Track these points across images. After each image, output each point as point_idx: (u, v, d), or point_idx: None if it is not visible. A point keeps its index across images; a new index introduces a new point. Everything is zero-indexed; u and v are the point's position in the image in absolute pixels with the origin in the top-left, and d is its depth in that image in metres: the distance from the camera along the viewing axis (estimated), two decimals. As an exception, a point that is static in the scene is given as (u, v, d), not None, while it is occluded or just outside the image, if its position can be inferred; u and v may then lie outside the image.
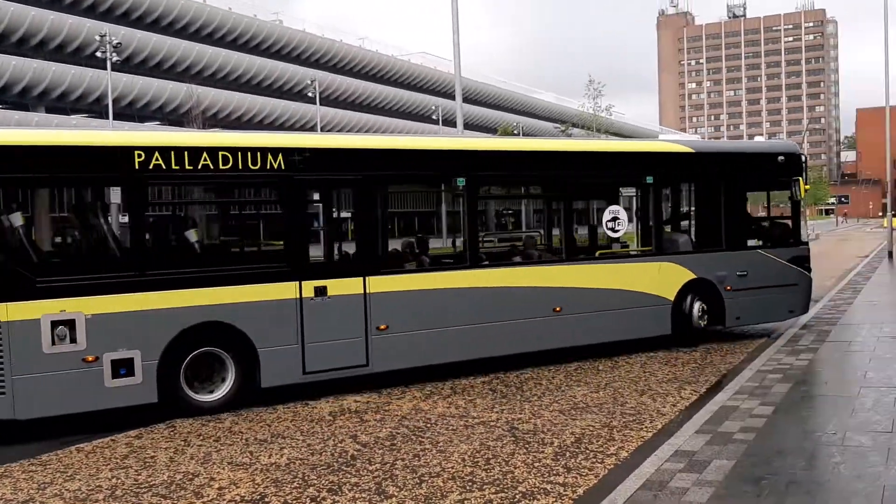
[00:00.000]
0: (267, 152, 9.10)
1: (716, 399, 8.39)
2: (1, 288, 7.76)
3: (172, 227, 9.55)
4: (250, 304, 8.88)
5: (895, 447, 6.45)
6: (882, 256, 31.14)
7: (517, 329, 10.55)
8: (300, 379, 9.27)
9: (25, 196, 8.55)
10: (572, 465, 6.53)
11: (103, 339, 8.15)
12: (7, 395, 7.77)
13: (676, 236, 12.72)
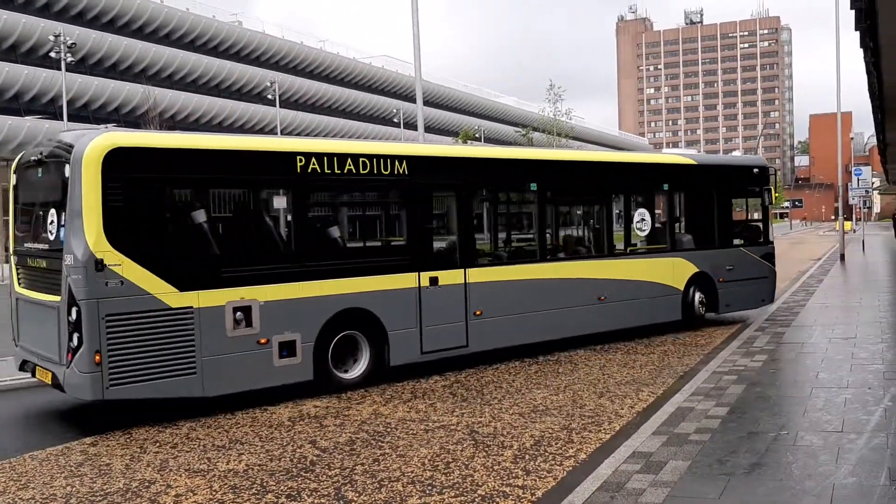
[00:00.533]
0: (394, 159, 10.43)
1: (672, 400, 8.52)
2: (194, 278, 8.67)
3: (325, 224, 10.59)
4: (383, 293, 10.13)
5: (845, 446, 6.61)
6: (834, 259, 31.89)
7: (573, 315, 12.26)
8: (418, 358, 10.58)
9: (210, 195, 9.54)
10: (531, 468, 6.58)
11: (273, 324, 9.17)
12: (197, 375, 8.63)
13: (684, 235, 14.52)
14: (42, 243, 9.02)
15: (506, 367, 11.11)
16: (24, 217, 9.77)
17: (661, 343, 12.87)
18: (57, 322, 8.30)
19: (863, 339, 12.16)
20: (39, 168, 9.04)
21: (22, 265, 9.50)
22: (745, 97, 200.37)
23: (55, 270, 8.38)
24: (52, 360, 8.49)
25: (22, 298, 9.39)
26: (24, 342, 9.40)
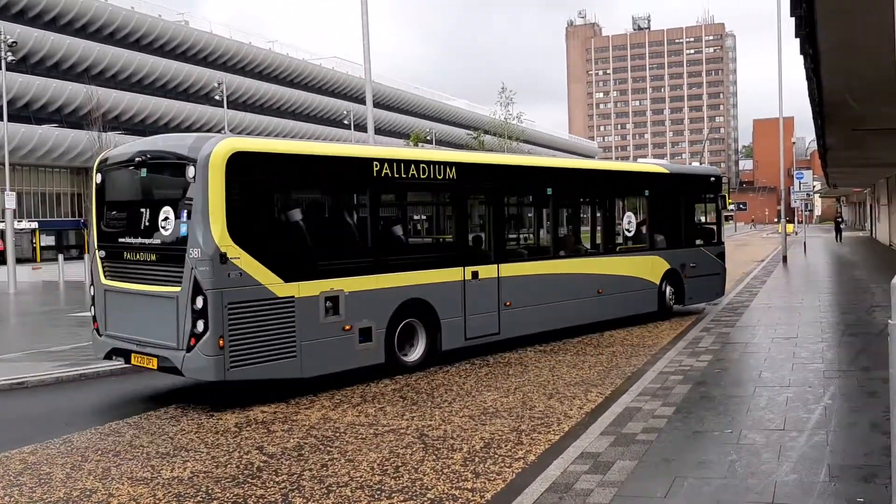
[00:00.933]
0: (446, 165, 11.74)
1: (620, 401, 8.61)
2: (296, 270, 9.59)
3: (394, 222, 11.78)
4: (437, 285, 11.36)
5: (786, 444, 6.75)
6: (777, 261, 32.65)
7: (579, 305, 13.75)
8: (463, 344, 11.78)
9: (308, 195, 10.84)
10: (481, 471, 6.57)
11: (355, 312, 10.20)
12: (297, 358, 9.55)
13: (658, 236, 15.97)
14: (150, 238, 9.53)
15: (456, 370, 11.11)
16: (116, 214, 10.39)
17: (610, 344, 13.02)
18: (175, 310, 8.96)
19: (804, 338, 12.46)
20: (144, 169, 9.73)
21: (114, 259, 10.06)
22: (691, 102, 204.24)
23: (172, 263, 9.12)
24: (165, 346, 9.11)
25: (114, 290, 9.96)
26: (114, 331, 9.95)
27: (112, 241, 10.17)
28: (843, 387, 8.93)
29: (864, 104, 13.29)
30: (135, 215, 9.86)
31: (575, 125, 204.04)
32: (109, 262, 10.17)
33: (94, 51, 57.68)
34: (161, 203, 9.47)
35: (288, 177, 10.09)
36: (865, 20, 7.67)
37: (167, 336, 9.10)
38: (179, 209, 9.16)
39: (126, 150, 10.24)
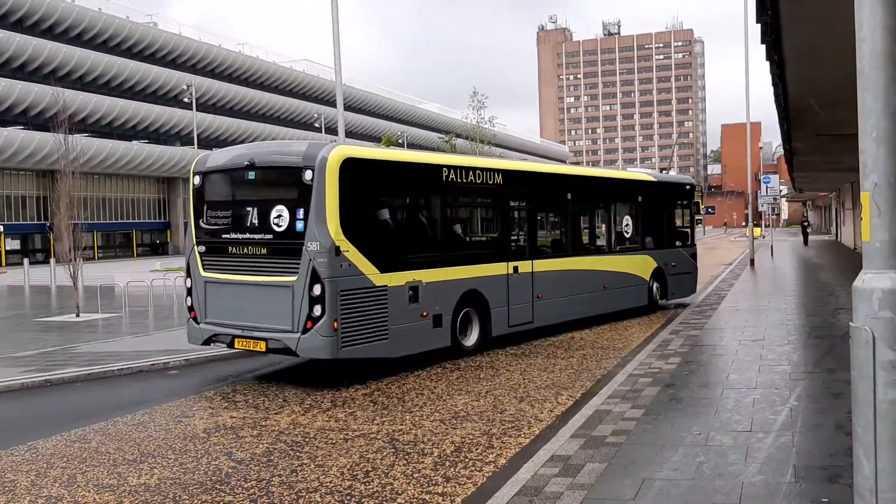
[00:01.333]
0: (494, 172, 13.38)
1: (590, 403, 8.65)
2: (388, 262, 10.82)
3: (458, 221, 13.36)
4: (488, 278, 12.75)
5: (753, 446, 6.83)
6: (745, 264, 33.05)
7: (590, 298, 15.31)
8: (506, 331, 13.18)
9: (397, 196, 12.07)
10: (451, 475, 6.56)
11: (430, 300, 11.50)
12: (389, 340, 10.81)
13: (648, 238, 17.67)
14: (260, 234, 10.67)
15: (427, 374, 11.10)
16: (219, 212, 11.30)
17: (580, 347, 13.10)
18: (291, 297, 10.09)
19: (771, 341, 12.62)
20: (253, 172, 10.87)
21: (215, 253, 11.15)
22: (660, 107, 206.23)
23: (287, 256, 10.28)
24: (277, 330, 10.22)
25: (215, 281, 11.04)
26: (215, 319, 11.00)
27: (213, 237, 11.25)
28: (808, 388, 9.06)
29: (828, 110, 13.50)
30: (241, 214, 10.96)
31: (546, 129, 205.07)
32: (209, 256, 11.22)
33: (61, 52, 56.87)
34: (273, 203, 10.57)
35: (383, 180, 11.48)
36: (827, 28, 7.80)
37: (280, 320, 10.19)
38: (295, 208, 10.29)
39: (230, 156, 11.45)
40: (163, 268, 37.29)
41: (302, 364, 12.24)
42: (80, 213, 20.63)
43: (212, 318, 11.05)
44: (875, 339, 3.42)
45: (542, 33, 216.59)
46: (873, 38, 3.37)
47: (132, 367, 12.14)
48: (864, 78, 3.40)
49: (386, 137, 44.74)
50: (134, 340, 15.35)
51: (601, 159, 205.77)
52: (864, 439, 3.48)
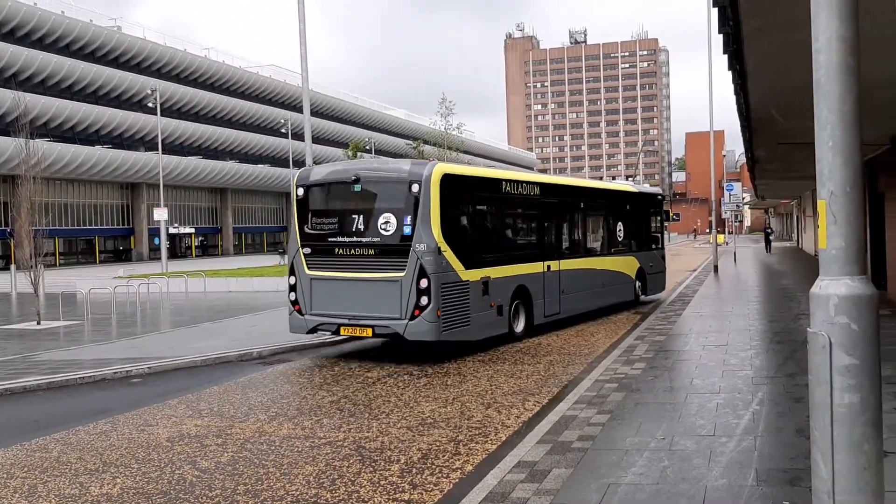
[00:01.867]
0: (533, 185, 15.97)
1: (557, 409, 8.69)
2: (469, 260, 12.91)
3: (512, 226, 15.99)
4: (531, 274, 15.05)
5: (716, 450, 6.92)
6: (709, 270, 33.48)
7: (596, 293, 17.76)
8: (543, 321, 15.40)
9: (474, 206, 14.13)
10: (418, 482, 6.56)
11: (496, 293, 13.62)
12: (470, 326, 12.90)
13: (634, 241, 20.21)
14: (367, 237, 12.64)
15: (394, 381, 11.08)
16: (324, 220, 13.25)
17: (547, 353, 13.17)
18: (399, 290, 12.10)
19: (734, 346, 12.79)
20: (359, 185, 12.84)
21: (321, 254, 13.04)
22: (626, 115, 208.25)
23: (395, 255, 12.26)
24: (385, 318, 12.20)
25: (320, 278, 12.93)
26: (320, 311, 12.86)
27: (319, 240, 13.11)
28: (770, 393, 9.20)
29: (788, 119, 13.73)
30: (347, 220, 12.93)
31: (514, 136, 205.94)
32: (315, 257, 13.08)
33: (23, 55, 55.87)
34: (380, 211, 12.62)
35: (465, 191, 13.58)
36: (788, 39, 7.95)
37: (389, 310, 12.18)
38: (402, 215, 12.33)
39: (333, 171, 13.76)
40: (126, 274, 36.80)
41: (269, 374, 12.16)
42: (41, 219, 20.29)
43: (317, 311, 12.91)
44: (832, 345, 3.49)
45: (509, 41, 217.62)
46: (829, 49, 3.44)
47: (94, 376, 11.97)
48: (820, 89, 3.48)
49: (353, 144, 44.61)
50: (96, 348, 15.12)
51: (568, 166, 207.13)
52: (821, 443, 3.55)
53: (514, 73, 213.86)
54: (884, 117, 12.77)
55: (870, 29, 7.17)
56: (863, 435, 3.48)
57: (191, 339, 16.03)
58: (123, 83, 64.00)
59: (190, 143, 71.12)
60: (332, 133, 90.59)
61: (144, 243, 68.29)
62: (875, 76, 9.47)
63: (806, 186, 37.50)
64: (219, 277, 32.14)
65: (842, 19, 3.44)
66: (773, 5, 6.99)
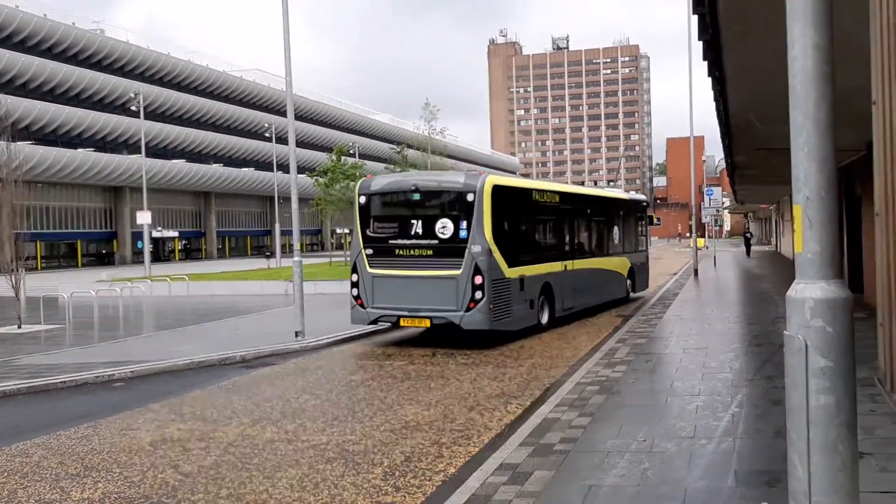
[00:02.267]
0: (555, 193, 18.12)
1: (539, 412, 8.75)
2: (511, 260, 14.67)
3: (540, 231, 17.60)
4: (554, 273, 16.90)
5: (696, 451, 6.99)
6: (689, 274, 33.69)
7: (598, 290, 19.73)
8: (561, 313, 17.13)
9: (512, 214, 15.50)
10: (401, 485, 6.59)
11: (529, 289, 15.44)
12: (511, 318, 14.68)
13: (625, 243, 22.29)
14: (425, 240, 14.39)
15: (378, 385, 11.10)
16: (385, 224, 15.03)
17: (530, 356, 13.23)
18: (455, 286, 13.93)
19: (714, 349, 12.91)
20: (418, 194, 14.71)
21: (381, 255, 14.71)
22: (607, 120, 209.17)
23: (451, 256, 14.04)
24: (443, 310, 13.97)
25: (381, 276, 14.63)
26: (381, 304, 14.58)
27: (380, 243, 14.83)
28: (749, 395, 9.30)
29: (767, 125, 13.87)
30: (406, 225, 14.63)
31: (497, 141, 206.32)
32: (376, 257, 14.76)
33: (5, 58, 55.40)
34: (437, 217, 14.44)
35: (509, 200, 15.27)
36: (766, 46, 8.06)
37: (446, 303, 13.98)
38: (458, 220, 14.17)
39: (392, 181, 15.83)
40: (109, 278, 36.55)
41: (253, 378, 12.14)
42: (22, 223, 20.13)
43: (378, 304, 14.59)
44: (807, 347, 3.55)
45: (492, 47, 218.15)
46: (804, 56, 3.51)
47: (76, 380, 11.89)
48: (796, 95, 3.54)
49: (337, 148, 44.56)
50: (78, 352, 15.02)
51: (550, 171, 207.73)
52: (797, 444, 3.61)
53: (498, 78, 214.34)
54: (860, 123, 12.94)
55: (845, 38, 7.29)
56: (838, 436, 3.54)
57: (174, 342, 15.96)
58: (107, 86, 63.63)
59: (174, 147, 70.75)
60: (317, 137, 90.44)
61: (127, 247, 67.83)
62: (852, 83, 9.62)
63: (784, 191, 37.82)
64: (202, 281, 32.00)
65: (816, 28, 3.51)
66: (751, 13, 7.09)
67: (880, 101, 4.26)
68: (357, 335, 16.27)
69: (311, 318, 17.18)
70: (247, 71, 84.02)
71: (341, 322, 16.52)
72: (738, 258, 50.35)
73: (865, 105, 6.84)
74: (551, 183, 22.26)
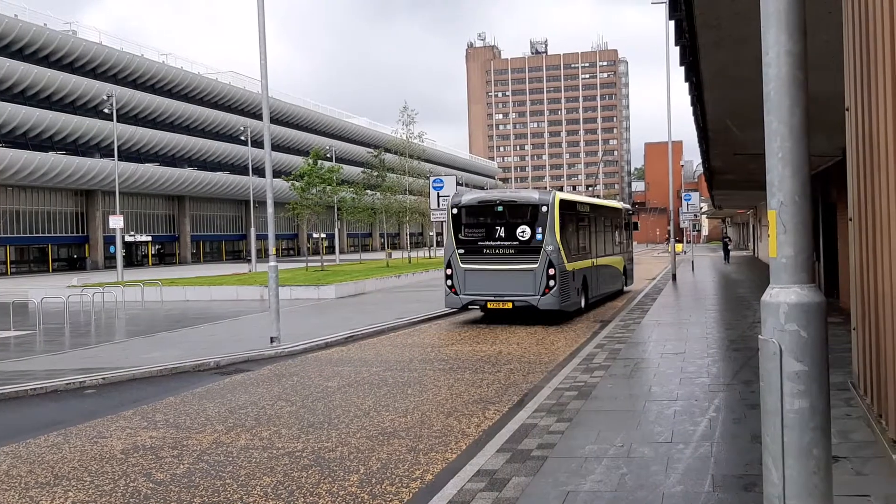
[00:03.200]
0: (586, 204, 22.55)
1: (517, 417, 8.72)
2: (570, 256, 19.12)
3: (581, 233, 21.23)
4: (588, 267, 21.08)
5: (674, 456, 7.00)
6: (667, 279, 33.89)
7: (609, 283, 24.12)
8: (592, 300, 21.35)
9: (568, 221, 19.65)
10: (377, 492, 6.52)
11: (576, 280, 19.68)
12: (570, 301, 19.09)
13: (621, 244, 26.78)
14: (508, 241, 18.62)
15: (354, 391, 11.02)
16: (473, 230, 19.10)
17: (508, 361, 13.21)
18: (533, 276, 18.24)
19: (691, 354, 12.96)
20: (500, 207, 18.93)
21: (471, 254, 18.87)
22: (586, 125, 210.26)
23: (529, 253, 18.35)
24: (523, 295, 18.22)
25: (472, 269, 18.79)
26: (471, 292, 18.75)
27: (470, 244, 18.97)
28: (726, 400, 9.34)
29: (743, 129, 13.99)
30: (492, 230, 18.83)
31: (475, 145, 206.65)
32: (467, 255, 18.92)
33: (-27, 59, 54.65)
34: (517, 224, 18.61)
35: (567, 210, 19.57)
36: (741, 52, 8.12)
37: (525, 289, 18.25)
38: (534, 227, 18.45)
39: (483, 198, 19.67)
40: (80, 283, 36.10)
41: (227, 384, 12.01)
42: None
43: (469, 292, 18.83)
44: (782, 351, 3.54)
45: (470, 50, 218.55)
46: (778, 63, 3.52)
47: (46, 387, 11.71)
48: (770, 101, 3.55)
49: (314, 151, 44.31)
50: (48, 359, 14.80)
51: (529, 175, 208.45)
52: (772, 448, 3.60)
53: (476, 82, 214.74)
54: (836, 130, 13.07)
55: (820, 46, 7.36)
56: (812, 440, 3.54)
57: (146, 349, 15.77)
58: (78, 88, 62.92)
59: (147, 150, 70.12)
60: (293, 140, 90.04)
61: (100, 251, 67.07)
62: (826, 91, 9.71)
63: (761, 196, 38.19)
64: (176, 286, 31.68)
65: (790, 34, 3.52)
66: (727, 20, 7.13)
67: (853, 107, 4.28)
68: (333, 342, 16.18)
69: (286, 324, 17.07)
70: (221, 73, 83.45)
71: (317, 328, 16.44)
72: (716, 263, 50.74)
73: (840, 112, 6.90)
74: (582, 196, 28.45)
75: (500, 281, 18.48)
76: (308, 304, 26.17)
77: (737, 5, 6.70)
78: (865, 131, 3.89)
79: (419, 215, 62.49)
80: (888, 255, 3.58)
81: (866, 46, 3.83)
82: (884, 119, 3.47)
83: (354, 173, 72.06)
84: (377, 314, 21.39)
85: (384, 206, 59.02)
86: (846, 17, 4.16)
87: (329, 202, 48.69)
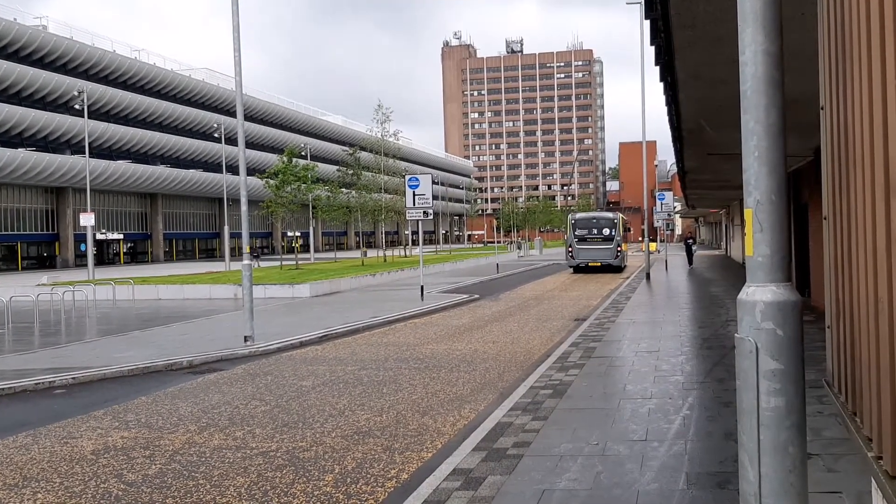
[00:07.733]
0: (624, 220, 45.91)
1: (493, 416, 8.71)
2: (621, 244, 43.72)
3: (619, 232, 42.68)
4: (623, 249, 44.79)
5: (648, 454, 7.02)
6: (641, 278, 34.13)
7: (625, 258, 45.39)
8: (624, 265, 44.15)
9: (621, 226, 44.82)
10: (353, 491, 6.48)
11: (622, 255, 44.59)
12: (624, 264, 44.67)
13: (620, 244, 41.77)
14: (599, 236, 40.94)
15: (329, 390, 10.96)
16: (582, 231, 41.07)
17: (483, 360, 13.20)
18: (611, 250, 40.90)
19: (665, 352, 13.04)
20: (596, 219, 41.85)
21: (581, 242, 40.91)
22: (561, 124, 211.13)
23: (609, 241, 40.97)
24: (605, 259, 40.70)
25: (581, 248, 40.91)
26: (581, 259, 40.88)
27: (581, 238, 40.85)
28: (700, 398, 9.40)
29: (717, 130, 14.10)
30: (591, 231, 40.94)
31: (451, 144, 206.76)
32: (579, 242, 40.80)
33: (-60, 53, 53.67)
34: (602, 228, 40.94)
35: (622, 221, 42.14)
36: (716, 52, 8.17)
37: (606, 257, 40.61)
38: (611, 229, 40.93)
39: (588, 216, 42.36)
40: (50, 282, 35.58)
41: (200, 384, 11.90)
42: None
43: (579, 259, 40.80)
44: (758, 350, 3.55)
45: (446, 49, 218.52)
46: (755, 62, 3.53)
47: (14, 387, 11.51)
48: (746, 100, 3.55)
49: (288, 150, 44.05)
50: (17, 358, 14.55)
51: (504, 174, 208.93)
52: (748, 446, 3.61)
53: (452, 81, 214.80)
54: (807, 131, 13.22)
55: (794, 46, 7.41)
56: (788, 438, 3.55)
57: (118, 348, 15.57)
58: (49, 84, 62.02)
59: (119, 147, 69.31)
60: (268, 138, 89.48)
61: (70, 249, 66.19)
62: (800, 91, 9.80)
63: (734, 196, 38.62)
64: (148, 285, 31.34)
65: (767, 34, 3.53)
66: (702, 20, 7.16)
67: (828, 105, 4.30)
68: (308, 341, 16.08)
69: (260, 323, 16.94)
70: (195, 70, 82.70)
71: (292, 327, 16.33)
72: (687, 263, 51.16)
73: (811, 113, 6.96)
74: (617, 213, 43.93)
75: (594, 252, 40.36)
76: (282, 302, 26.01)
77: (712, 6, 6.73)
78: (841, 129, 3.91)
79: (395, 214, 62.36)
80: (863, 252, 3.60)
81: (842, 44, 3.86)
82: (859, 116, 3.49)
83: (330, 171, 71.75)
84: (352, 313, 21.31)
85: (359, 205, 58.85)
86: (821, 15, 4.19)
87: (304, 200, 48.45)
